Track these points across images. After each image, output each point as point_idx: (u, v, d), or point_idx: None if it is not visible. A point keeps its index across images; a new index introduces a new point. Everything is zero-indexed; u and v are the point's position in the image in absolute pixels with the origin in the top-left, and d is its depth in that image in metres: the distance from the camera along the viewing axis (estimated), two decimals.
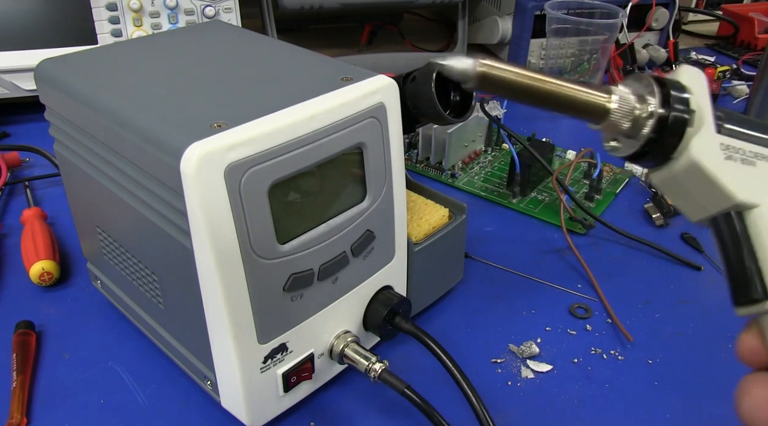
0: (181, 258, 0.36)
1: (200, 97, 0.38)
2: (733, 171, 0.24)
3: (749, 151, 0.25)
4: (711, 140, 0.24)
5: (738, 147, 0.25)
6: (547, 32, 0.86)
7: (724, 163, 0.24)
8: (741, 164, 0.25)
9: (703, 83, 0.25)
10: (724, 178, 0.24)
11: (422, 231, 0.48)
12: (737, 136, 0.25)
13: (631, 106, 0.24)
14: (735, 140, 0.25)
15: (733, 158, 0.24)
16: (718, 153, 0.24)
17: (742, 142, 0.25)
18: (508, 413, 0.43)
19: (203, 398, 0.44)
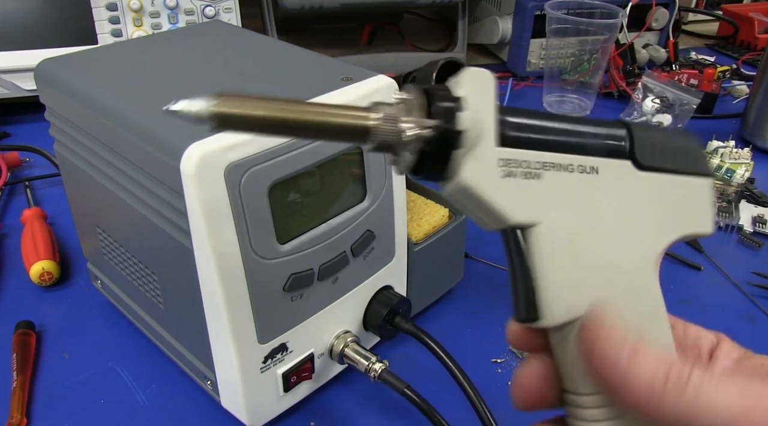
0: (181, 258, 0.36)
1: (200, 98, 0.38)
2: (510, 191, 0.22)
3: (536, 161, 0.22)
4: (486, 159, 0.22)
5: (522, 159, 0.22)
6: (547, 32, 0.86)
7: (500, 183, 0.22)
8: (523, 179, 0.22)
9: (488, 90, 0.22)
10: (499, 201, 0.22)
11: (422, 231, 0.48)
12: (525, 144, 0.22)
13: (393, 125, 0.21)
14: (521, 151, 0.22)
15: (513, 174, 0.22)
16: (494, 172, 0.22)
17: (528, 151, 0.22)
18: (508, 413, 0.43)
19: (203, 398, 0.44)
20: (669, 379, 0.21)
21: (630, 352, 0.21)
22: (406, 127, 0.21)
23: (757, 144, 0.79)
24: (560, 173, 0.23)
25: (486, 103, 0.22)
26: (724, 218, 0.65)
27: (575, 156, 0.23)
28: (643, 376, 0.21)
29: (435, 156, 0.21)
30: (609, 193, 0.23)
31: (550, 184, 0.23)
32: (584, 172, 0.23)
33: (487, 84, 0.22)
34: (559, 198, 0.23)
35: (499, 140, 0.22)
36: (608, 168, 0.23)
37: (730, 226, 0.64)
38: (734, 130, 0.83)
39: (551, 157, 0.23)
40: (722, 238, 0.64)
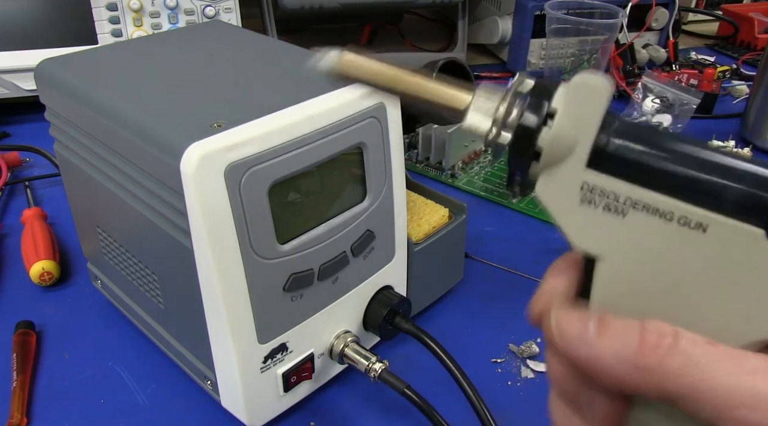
0: (181, 258, 0.36)
1: (200, 97, 0.38)
2: (584, 218, 0.20)
3: (625, 198, 0.19)
4: (567, 180, 0.20)
5: (610, 189, 0.19)
6: (547, 32, 0.86)
7: (575, 208, 0.20)
8: (602, 212, 0.20)
9: (594, 101, 0.20)
10: (567, 225, 0.21)
11: (422, 231, 0.48)
12: (619, 173, 0.19)
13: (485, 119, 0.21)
14: (612, 180, 0.19)
15: (593, 202, 0.20)
16: (573, 195, 0.20)
17: (620, 182, 0.19)
18: (508, 413, 0.43)
19: (203, 398, 0.44)
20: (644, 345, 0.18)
21: (597, 324, 0.20)
22: (489, 128, 0.21)
23: (757, 144, 0.79)
24: (652, 218, 0.19)
25: (587, 117, 0.20)
26: None
27: (683, 204, 0.19)
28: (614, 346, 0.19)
29: (515, 159, 0.21)
30: (709, 261, 0.19)
31: (635, 225, 0.19)
32: (686, 225, 0.19)
33: (597, 95, 0.20)
34: (639, 243, 0.20)
35: (591, 159, 0.20)
36: (723, 230, 0.18)
37: None
38: (734, 130, 0.83)
39: (648, 197, 0.19)
40: None
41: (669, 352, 0.18)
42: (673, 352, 0.18)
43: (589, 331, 0.20)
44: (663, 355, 0.18)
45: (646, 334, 0.18)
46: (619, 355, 0.19)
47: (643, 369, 0.18)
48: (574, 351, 0.20)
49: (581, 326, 0.20)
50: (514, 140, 0.20)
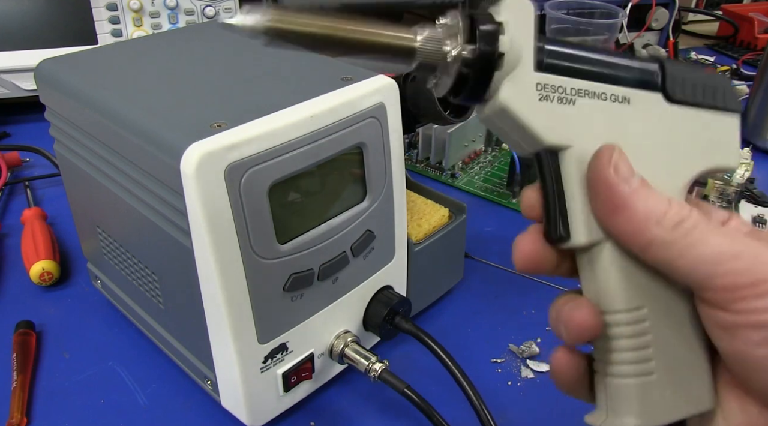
0: (181, 258, 0.36)
1: (200, 97, 0.38)
2: (546, 113, 0.23)
3: (570, 88, 0.24)
4: (524, 82, 0.23)
5: (558, 85, 0.23)
6: (547, 32, 0.86)
7: (536, 106, 0.23)
8: (557, 104, 0.24)
9: (527, 16, 0.23)
10: (534, 122, 0.23)
11: (422, 231, 0.48)
12: (561, 71, 0.24)
13: (437, 46, 0.23)
14: (556, 77, 0.23)
15: (549, 98, 0.23)
16: (531, 95, 0.23)
17: (564, 78, 0.24)
18: (508, 413, 0.43)
19: (203, 398, 0.44)
20: (668, 213, 0.22)
21: (639, 182, 0.23)
22: (450, 49, 0.22)
23: (757, 144, 0.79)
24: (593, 100, 0.24)
25: (526, 28, 0.23)
26: None
27: (609, 85, 0.24)
28: (644, 205, 0.23)
29: (475, 77, 0.23)
30: (639, 123, 0.25)
31: (584, 110, 0.24)
32: (616, 101, 0.24)
33: (526, 11, 0.23)
34: (591, 123, 0.24)
35: (536, 65, 0.23)
36: (640, 99, 0.25)
37: None
38: None
39: (586, 85, 0.24)
40: None
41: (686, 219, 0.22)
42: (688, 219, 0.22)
43: (634, 178, 0.23)
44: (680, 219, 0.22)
45: (673, 204, 0.23)
46: (650, 210, 0.23)
47: (663, 226, 0.22)
48: (617, 186, 0.23)
49: (630, 173, 0.23)
50: (480, 47, 0.22)
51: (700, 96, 0.25)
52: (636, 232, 0.23)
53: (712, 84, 0.26)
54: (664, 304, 0.24)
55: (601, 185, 0.23)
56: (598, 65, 0.24)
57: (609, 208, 0.23)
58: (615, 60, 0.25)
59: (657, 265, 0.23)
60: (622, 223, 0.23)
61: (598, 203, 0.24)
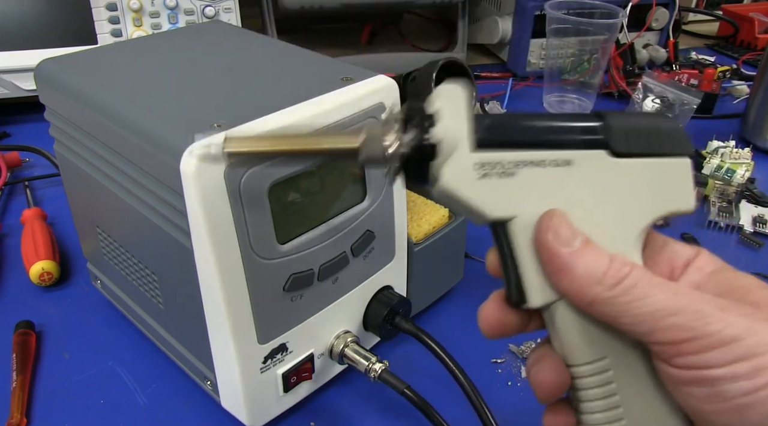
0: (181, 258, 0.36)
1: (200, 97, 0.38)
2: (487, 190, 0.25)
3: (508, 161, 0.25)
4: (463, 164, 0.24)
5: (497, 161, 0.24)
6: (547, 32, 0.86)
7: (477, 185, 0.24)
8: (498, 179, 0.25)
9: (459, 102, 0.24)
10: (477, 201, 0.25)
11: (422, 231, 0.48)
12: (499, 146, 0.25)
13: (377, 144, 0.24)
14: (495, 153, 0.24)
15: (488, 175, 0.24)
16: (470, 175, 0.24)
17: (503, 153, 0.25)
18: (508, 413, 0.43)
19: (203, 398, 0.44)
20: (608, 272, 0.23)
21: (581, 243, 0.24)
22: (387, 146, 0.24)
23: (757, 144, 0.79)
24: (534, 169, 0.25)
25: (458, 114, 0.24)
26: (724, 218, 0.65)
27: (548, 152, 0.25)
28: (584, 264, 0.23)
29: (416, 166, 0.24)
30: (584, 182, 0.25)
31: (525, 179, 0.25)
32: (557, 165, 0.25)
33: (458, 97, 0.24)
34: (533, 191, 0.25)
35: (474, 145, 0.24)
36: (582, 159, 0.25)
37: (731, 226, 0.64)
38: (734, 130, 0.83)
39: (524, 156, 0.25)
40: (722, 238, 0.64)
41: (626, 277, 0.23)
42: (628, 277, 0.23)
43: (575, 241, 0.24)
44: (621, 279, 0.23)
45: (613, 263, 0.23)
46: (589, 273, 0.23)
47: (604, 285, 0.23)
48: (557, 250, 0.24)
49: (571, 235, 0.24)
50: (415, 142, 0.24)
51: (646, 145, 0.26)
52: (579, 292, 0.24)
53: (659, 129, 0.26)
54: (624, 354, 0.25)
55: (543, 250, 0.24)
56: (536, 133, 0.25)
57: (552, 271, 0.24)
58: (554, 124, 0.25)
59: (604, 320, 0.24)
60: (565, 283, 0.24)
61: (543, 266, 0.25)
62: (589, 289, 0.23)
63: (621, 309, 0.23)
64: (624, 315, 0.23)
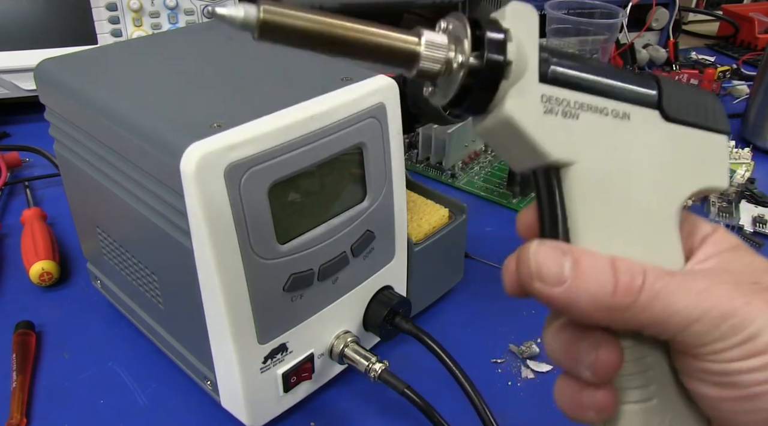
0: (181, 258, 0.36)
1: (200, 97, 0.38)
2: (550, 127, 0.23)
3: (574, 101, 0.23)
4: (530, 93, 0.22)
5: (562, 98, 0.23)
6: (547, 32, 0.86)
7: (541, 119, 0.22)
8: (562, 118, 0.23)
9: (531, 24, 0.22)
10: (539, 136, 0.22)
11: (422, 231, 0.48)
12: (565, 83, 0.23)
13: (443, 52, 0.21)
14: (560, 89, 0.23)
15: (553, 111, 0.23)
16: (537, 107, 0.22)
17: (568, 91, 0.23)
18: (508, 413, 0.43)
19: (203, 398, 0.44)
20: (617, 287, 0.21)
21: (571, 270, 0.21)
22: (455, 56, 0.21)
23: (757, 144, 0.79)
24: (596, 115, 0.23)
25: (531, 37, 0.22)
26: (724, 218, 0.65)
27: (610, 100, 0.24)
28: (586, 292, 0.21)
29: (481, 87, 0.22)
30: (639, 139, 0.24)
31: (587, 124, 0.23)
32: (617, 116, 0.24)
33: (531, 19, 0.22)
34: (594, 139, 0.23)
35: (540, 77, 0.22)
36: (639, 115, 0.24)
37: (731, 226, 0.64)
38: (734, 130, 0.83)
39: (589, 99, 0.23)
40: None
41: (641, 291, 0.21)
42: (643, 290, 0.21)
43: (565, 272, 0.21)
44: (636, 295, 0.21)
45: (619, 276, 0.21)
46: (593, 296, 0.21)
47: (618, 308, 0.21)
48: (552, 294, 0.22)
49: (557, 267, 0.22)
50: (489, 55, 0.21)
51: (694, 115, 0.25)
52: (594, 318, 0.22)
53: (704, 103, 0.26)
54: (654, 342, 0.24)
55: (539, 297, 0.22)
56: (600, 78, 0.24)
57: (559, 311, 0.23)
58: (616, 76, 0.24)
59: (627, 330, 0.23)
60: (577, 316, 0.22)
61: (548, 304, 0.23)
62: (605, 314, 0.21)
63: (644, 322, 0.22)
64: (646, 326, 0.22)
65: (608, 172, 0.24)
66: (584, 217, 0.23)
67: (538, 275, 0.22)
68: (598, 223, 0.24)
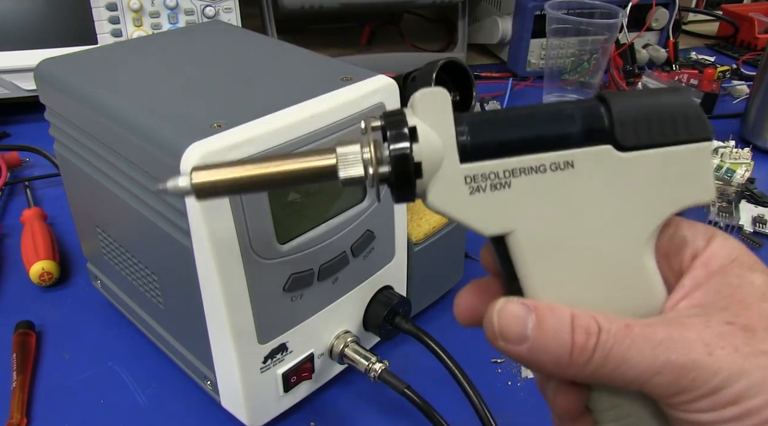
0: (181, 258, 0.36)
1: (200, 97, 0.38)
2: (480, 205, 0.22)
3: (503, 171, 0.22)
4: (451, 180, 0.22)
5: (489, 171, 0.22)
6: (547, 32, 0.86)
7: (468, 201, 0.22)
8: (492, 192, 0.22)
9: (442, 108, 0.22)
10: (469, 218, 0.22)
11: (422, 231, 0.48)
12: (491, 153, 0.22)
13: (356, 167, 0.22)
14: (486, 163, 0.22)
15: (481, 189, 0.22)
16: (461, 191, 0.22)
17: (495, 161, 0.22)
18: (508, 413, 0.43)
19: (203, 398, 0.44)
20: (574, 348, 0.21)
21: (534, 330, 0.22)
22: (366, 162, 0.22)
23: (757, 144, 0.79)
24: (531, 177, 0.22)
25: (442, 124, 0.22)
26: (724, 218, 0.65)
27: (546, 154, 0.22)
28: (547, 353, 0.22)
29: (400, 185, 0.22)
30: (588, 186, 0.22)
31: (521, 189, 0.22)
32: (558, 169, 0.22)
33: (440, 104, 0.22)
34: (532, 202, 0.22)
35: (461, 156, 0.22)
36: (585, 159, 0.22)
37: (731, 226, 0.64)
38: (734, 130, 0.83)
39: (519, 162, 0.22)
40: None
41: (595, 350, 0.21)
42: (597, 349, 0.21)
43: (527, 332, 0.22)
44: (590, 353, 0.21)
45: (575, 334, 0.21)
46: (553, 354, 0.22)
47: (574, 365, 0.21)
48: (517, 352, 0.22)
49: (521, 327, 0.22)
50: (395, 165, 0.21)
51: (659, 133, 0.22)
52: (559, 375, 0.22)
53: (672, 113, 0.22)
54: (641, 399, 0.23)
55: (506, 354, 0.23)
56: (530, 128, 0.22)
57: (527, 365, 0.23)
58: (550, 120, 0.22)
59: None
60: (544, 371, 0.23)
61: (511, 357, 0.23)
62: (566, 371, 0.22)
63: (604, 378, 0.21)
64: (611, 381, 0.22)
65: (553, 229, 0.23)
66: (537, 275, 0.23)
67: (501, 335, 0.22)
68: (554, 279, 0.23)
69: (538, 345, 0.22)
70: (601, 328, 0.21)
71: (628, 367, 0.21)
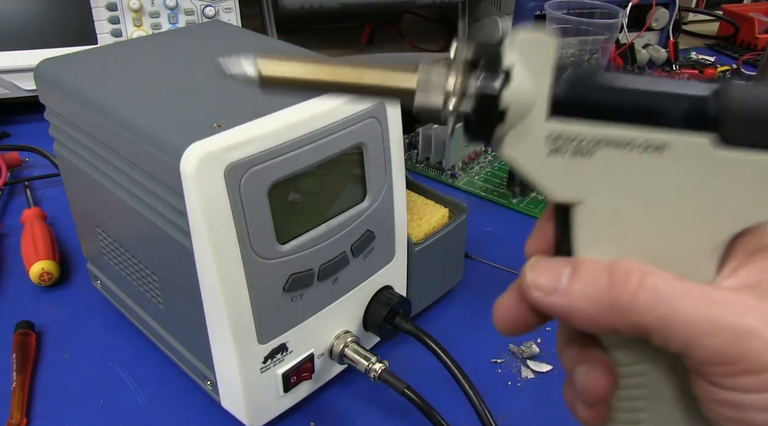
0: (181, 258, 0.36)
1: (200, 97, 0.38)
2: (556, 168, 0.21)
3: (591, 137, 0.20)
4: (532, 136, 0.20)
5: (575, 134, 0.20)
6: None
7: (544, 161, 0.21)
8: (571, 158, 0.21)
9: (544, 55, 0.20)
10: (541, 179, 0.21)
11: (422, 231, 0.48)
12: (584, 113, 0.20)
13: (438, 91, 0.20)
14: (575, 124, 0.20)
15: (561, 151, 0.20)
16: (539, 150, 0.21)
17: (586, 123, 0.20)
18: (508, 413, 0.43)
19: (203, 398, 0.44)
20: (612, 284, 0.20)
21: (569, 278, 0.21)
22: (448, 94, 0.20)
23: None
24: (616, 152, 0.20)
25: (540, 71, 0.20)
26: None
27: (643, 130, 0.20)
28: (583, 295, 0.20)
29: (478, 126, 0.21)
30: (674, 178, 0.20)
31: (602, 163, 0.20)
32: (647, 150, 0.20)
33: (545, 50, 0.20)
34: (609, 179, 0.21)
35: (551, 109, 0.20)
36: (680, 146, 0.20)
37: None
38: None
39: (610, 132, 0.20)
40: None
41: (638, 288, 0.19)
42: (641, 288, 0.19)
43: (562, 279, 0.21)
44: (633, 292, 0.19)
45: (614, 272, 0.20)
46: (591, 296, 0.20)
47: (614, 307, 0.19)
48: (551, 302, 0.21)
49: (556, 275, 0.21)
50: (478, 105, 0.20)
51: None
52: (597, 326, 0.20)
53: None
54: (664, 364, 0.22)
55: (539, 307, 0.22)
56: (632, 99, 0.20)
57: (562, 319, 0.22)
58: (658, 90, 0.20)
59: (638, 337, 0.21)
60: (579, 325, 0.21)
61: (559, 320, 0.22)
62: (604, 314, 0.20)
63: (647, 324, 0.19)
64: (651, 331, 0.19)
65: (622, 212, 0.21)
66: (593, 252, 0.22)
67: (535, 284, 0.21)
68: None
69: (573, 288, 0.20)
70: (646, 270, 0.20)
71: (679, 318, 0.19)
